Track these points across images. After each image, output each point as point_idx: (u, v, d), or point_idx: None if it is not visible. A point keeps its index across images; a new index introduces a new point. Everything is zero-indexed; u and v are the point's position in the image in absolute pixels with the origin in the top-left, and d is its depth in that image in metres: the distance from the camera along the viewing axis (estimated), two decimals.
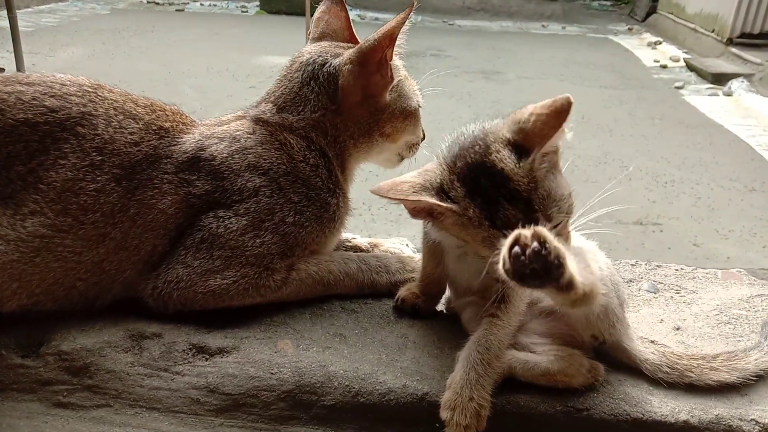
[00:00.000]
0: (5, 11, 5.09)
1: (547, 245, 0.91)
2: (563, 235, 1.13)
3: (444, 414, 1.19)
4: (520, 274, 0.93)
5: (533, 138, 1.11)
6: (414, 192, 1.14)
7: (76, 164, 1.37)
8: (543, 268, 0.92)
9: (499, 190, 1.09)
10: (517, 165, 1.10)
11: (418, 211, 1.17)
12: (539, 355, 1.29)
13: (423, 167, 1.22)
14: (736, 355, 1.36)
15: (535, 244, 0.91)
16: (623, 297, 1.34)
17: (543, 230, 0.93)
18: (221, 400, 1.31)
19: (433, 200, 1.13)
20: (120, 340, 1.40)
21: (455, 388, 1.20)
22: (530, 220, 1.06)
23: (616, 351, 1.37)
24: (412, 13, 1.52)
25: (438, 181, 1.16)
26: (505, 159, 1.11)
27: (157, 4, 12.18)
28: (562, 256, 0.92)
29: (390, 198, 1.15)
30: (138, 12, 11.38)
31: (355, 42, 1.68)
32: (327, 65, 1.55)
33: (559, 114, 1.09)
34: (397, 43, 1.53)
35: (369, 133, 1.59)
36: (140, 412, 1.32)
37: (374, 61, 1.51)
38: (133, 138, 1.44)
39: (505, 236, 0.99)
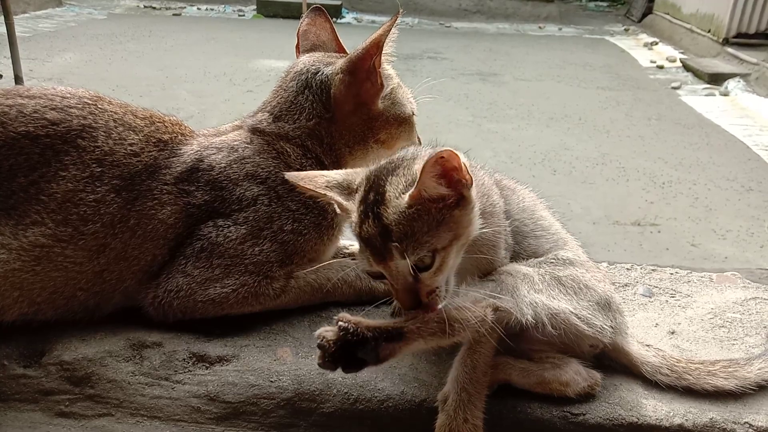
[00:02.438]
0: (2, 17, 5.10)
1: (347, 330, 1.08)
2: (429, 282, 1.13)
3: None
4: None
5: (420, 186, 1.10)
6: (327, 187, 1.20)
7: (77, 176, 1.39)
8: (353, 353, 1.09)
9: (374, 208, 1.12)
10: (397, 196, 1.11)
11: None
12: (536, 362, 1.31)
13: (358, 168, 1.27)
14: (737, 363, 1.36)
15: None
16: (607, 299, 1.33)
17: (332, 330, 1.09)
18: (221, 408, 1.33)
19: (336, 197, 1.18)
20: (121, 349, 1.41)
21: (449, 411, 1.21)
22: (386, 246, 1.10)
23: (617, 354, 1.38)
24: (398, 20, 1.53)
25: (356, 183, 1.20)
26: (394, 186, 1.13)
27: (154, 8, 12.18)
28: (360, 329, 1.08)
29: (300, 186, 1.20)
30: (135, 17, 11.39)
31: (343, 51, 1.71)
32: (319, 74, 1.58)
33: (439, 169, 1.09)
34: (387, 51, 1.56)
35: (364, 140, 1.61)
36: (141, 420, 1.33)
37: (363, 69, 1.54)
38: (132, 149, 1.46)
39: (366, 254, 1.13)
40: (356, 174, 1.22)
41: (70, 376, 1.37)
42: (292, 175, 1.24)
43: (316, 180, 1.21)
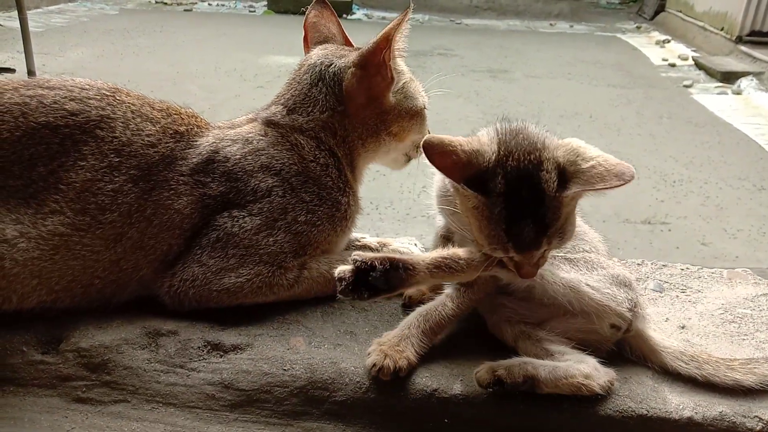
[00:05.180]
0: (16, 12, 5.16)
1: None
2: (543, 258, 1.23)
3: (370, 347, 1.32)
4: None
5: (582, 179, 1.15)
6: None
7: (95, 165, 1.42)
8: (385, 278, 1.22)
9: (532, 207, 1.15)
10: (555, 193, 1.15)
11: (450, 171, 1.17)
12: (560, 361, 1.31)
13: (476, 135, 1.23)
14: (757, 361, 1.36)
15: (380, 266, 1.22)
16: (624, 278, 1.36)
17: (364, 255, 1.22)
18: (236, 395, 1.35)
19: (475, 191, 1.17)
20: (137, 337, 1.43)
21: (388, 336, 1.32)
22: (538, 241, 1.17)
23: (638, 340, 1.39)
24: (409, 15, 1.54)
25: (486, 162, 1.17)
26: (550, 182, 1.15)
27: (165, 4, 12.23)
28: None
29: (435, 165, 1.16)
30: (146, 12, 11.44)
31: (348, 44, 1.73)
32: (332, 66, 1.60)
33: (618, 178, 1.13)
34: (399, 45, 1.57)
35: (376, 133, 1.63)
36: (157, 407, 1.35)
37: (374, 63, 1.55)
38: (150, 140, 1.48)
39: (506, 246, 1.16)
40: (478, 148, 1.17)
41: (87, 362, 1.39)
42: (428, 145, 1.14)
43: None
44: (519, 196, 1.15)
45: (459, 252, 1.29)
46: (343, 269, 1.23)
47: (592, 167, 1.14)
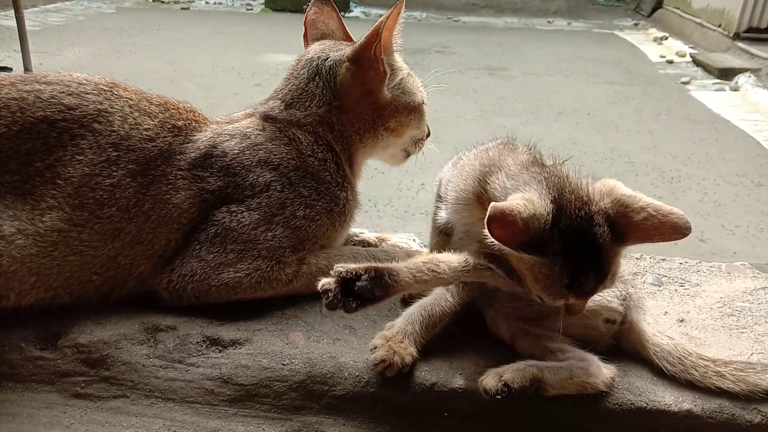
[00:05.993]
0: (12, 11, 5.15)
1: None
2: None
3: (376, 341, 1.31)
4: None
5: (635, 231, 1.14)
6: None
7: (93, 160, 1.41)
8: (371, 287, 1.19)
9: (593, 263, 1.14)
10: (611, 246, 1.14)
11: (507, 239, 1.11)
12: (562, 362, 1.31)
13: (521, 194, 1.17)
14: (753, 367, 1.33)
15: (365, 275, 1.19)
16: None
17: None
18: (235, 390, 1.35)
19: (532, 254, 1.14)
20: (135, 332, 1.43)
21: (392, 330, 1.32)
22: (597, 287, 1.17)
23: (631, 333, 1.39)
24: (402, 9, 1.54)
25: (543, 225, 1.12)
26: (605, 237, 1.14)
27: (163, 2, 12.21)
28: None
29: (494, 236, 1.10)
30: (143, 11, 11.41)
31: (349, 40, 1.73)
32: (329, 60, 1.59)
33: (674, 231, 1.12)
34: (395, 41, 1.58)
35: (374, 128, 1.63)
36: (156, 402, 1.35)
37: (366, 57, 1.55)
38: (148, 134, 1.48)
39: (567, 297, 1.16)
40: (532, 212, 1.12)
41: (86, 358, 1.39)
42: (495, 214, 1.08)
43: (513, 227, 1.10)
44: (577, 253, 1.13)
45: (439, 257, 1.29)
46: (326, 281, 1.17)
47: (646, 219, 1.13)
